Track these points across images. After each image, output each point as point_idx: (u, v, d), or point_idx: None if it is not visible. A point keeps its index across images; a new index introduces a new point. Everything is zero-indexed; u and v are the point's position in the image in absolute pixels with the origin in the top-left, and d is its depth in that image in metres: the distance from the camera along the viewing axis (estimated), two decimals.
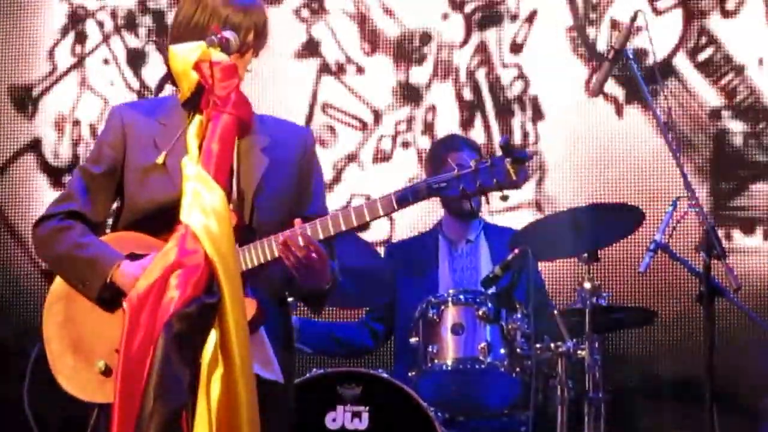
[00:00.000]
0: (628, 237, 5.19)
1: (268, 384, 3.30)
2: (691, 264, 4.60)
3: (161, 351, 2.97)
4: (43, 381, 3.44)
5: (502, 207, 5.86)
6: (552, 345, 4.76)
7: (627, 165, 6.10)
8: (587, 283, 4.80)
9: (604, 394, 4.77)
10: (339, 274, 3.46)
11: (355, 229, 3.30)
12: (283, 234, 3.26)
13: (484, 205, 4.90)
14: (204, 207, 3.10)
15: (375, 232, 6.08)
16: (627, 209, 5.05)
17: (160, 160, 3.35)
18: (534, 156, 6.05)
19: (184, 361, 2.99)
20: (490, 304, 4.80)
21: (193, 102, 3.30)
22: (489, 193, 3.23)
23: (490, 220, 5.62)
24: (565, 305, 5.26)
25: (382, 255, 5.54)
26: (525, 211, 6.06)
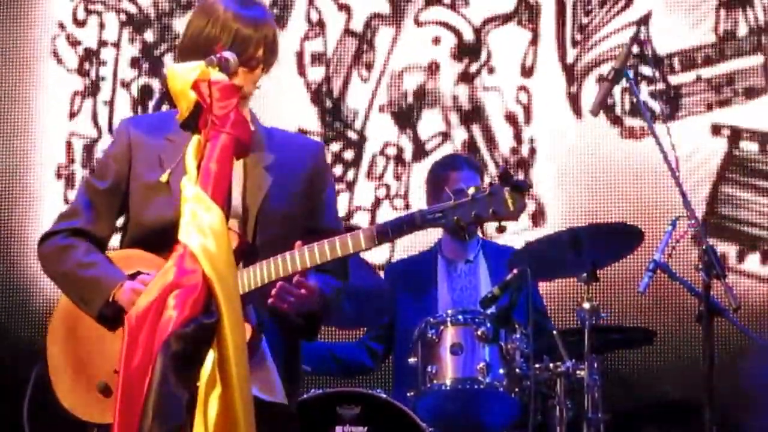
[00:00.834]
0: (628, 257, 5.19)
1: (269, 406, 3.28)
2: (691, 283, 4.59)
3: (159, 370, 2.96)
4: (44, 400, 3.43)
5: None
6: (551, 365, 4.75)
7: (626, 184, 6.11)
8: (586, 303, 4.79)
9: (603, 415, 4.76)
10: (343, 296, 3.45)
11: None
12: (276, 289, 3.23)
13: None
14: (202, 227, 3.09)
15: (376, 254, 6.08)
16: (626, 229, 5.05)
17: (163, 178, 3.34)
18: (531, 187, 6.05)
19: (181, 381, 2.98)
20: (489, 324, 4.79)
21: (192, 122, 3.29)
22: (485, 224, 3.18)
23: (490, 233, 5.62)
24: (564, 325, 5.25)
25: (381, 276, 5.54)
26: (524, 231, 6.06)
